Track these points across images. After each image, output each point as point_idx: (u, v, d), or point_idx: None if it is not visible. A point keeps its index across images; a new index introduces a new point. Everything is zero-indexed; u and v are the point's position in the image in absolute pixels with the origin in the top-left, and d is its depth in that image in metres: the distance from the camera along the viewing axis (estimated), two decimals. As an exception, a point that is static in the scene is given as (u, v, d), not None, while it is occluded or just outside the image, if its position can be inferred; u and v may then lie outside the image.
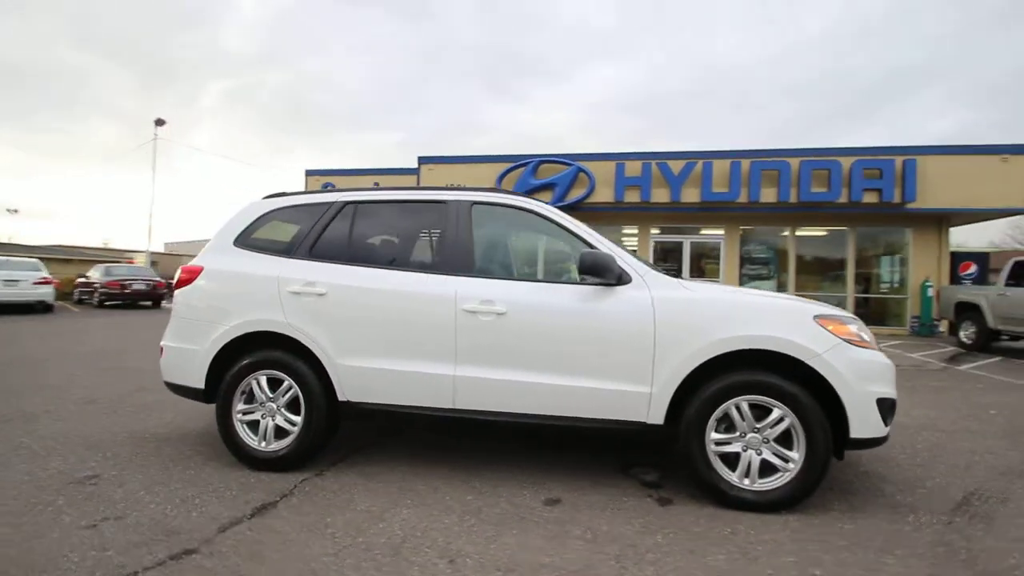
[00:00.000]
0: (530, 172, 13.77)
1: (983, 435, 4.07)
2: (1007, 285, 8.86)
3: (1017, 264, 8.85)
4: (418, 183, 14.46)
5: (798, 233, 13.80)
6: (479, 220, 3.09)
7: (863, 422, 2.57)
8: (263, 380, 3.04)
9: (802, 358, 2.58)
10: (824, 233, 13.80)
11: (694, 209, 13.09)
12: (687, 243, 14.15)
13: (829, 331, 2.64)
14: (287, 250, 3.20)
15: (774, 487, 2.60)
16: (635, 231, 14.45)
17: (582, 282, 2.83)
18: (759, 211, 12.93)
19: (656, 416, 2.70)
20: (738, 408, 2.63)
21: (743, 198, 12.49)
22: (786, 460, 2.61)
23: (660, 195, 12.93)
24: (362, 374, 2.95)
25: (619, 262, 2.78)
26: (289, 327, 3.01)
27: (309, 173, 17.91)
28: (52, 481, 2.82)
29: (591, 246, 2.91)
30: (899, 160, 11.75)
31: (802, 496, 2.60)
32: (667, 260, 14.06)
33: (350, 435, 3.64)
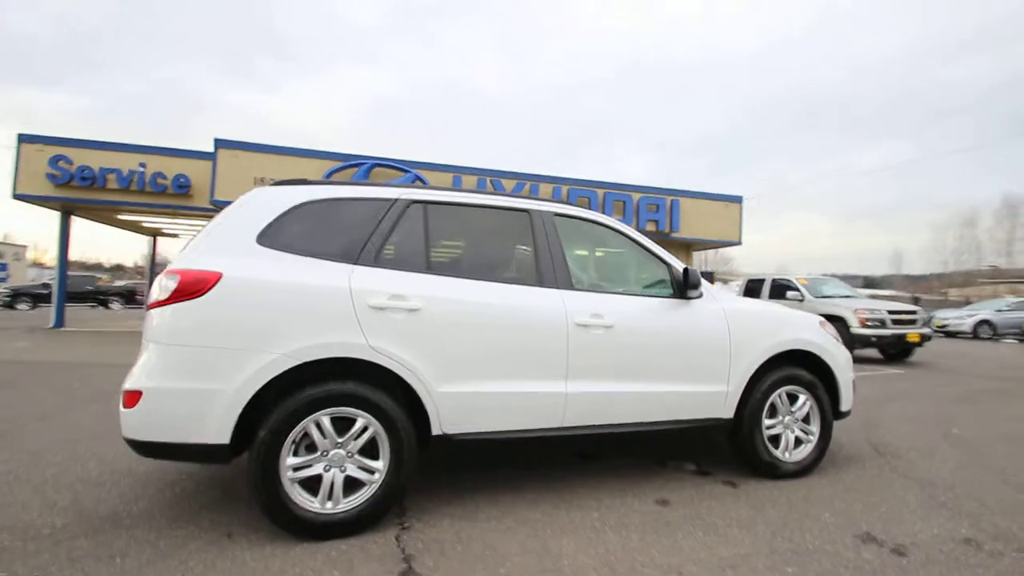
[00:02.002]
0: (363, 174, 12.88)
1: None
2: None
3: (751, 282, 12.35)
4: (214, 172, 12.03)
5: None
6: (562, 232, 3.00)
7: (847, 399, 3.46)
8: (326, 421, 2.34)
9: (817, 353, 3.34)
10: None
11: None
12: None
13: (826, 331, 3.47)
14: (346, 254, 2.52)
15: (804, 456, 3.27)
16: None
17: (683, 296, 3.04)
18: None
19: (728, 411, 3.10)
20: (779, 397, 3.24)
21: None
22: (808, 433, 3.32)
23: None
24: (465, 401, 2.54)
25: None
26: (373, 351, 2.39)
27: (24, 139, 12.98)
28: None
29: (666, 262, 3.15)
30: (668, 199, 15.09)
31: (821, 458, 3.34)
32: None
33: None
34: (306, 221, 2.55)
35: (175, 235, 19.09)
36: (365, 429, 2.38)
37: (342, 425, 2.37)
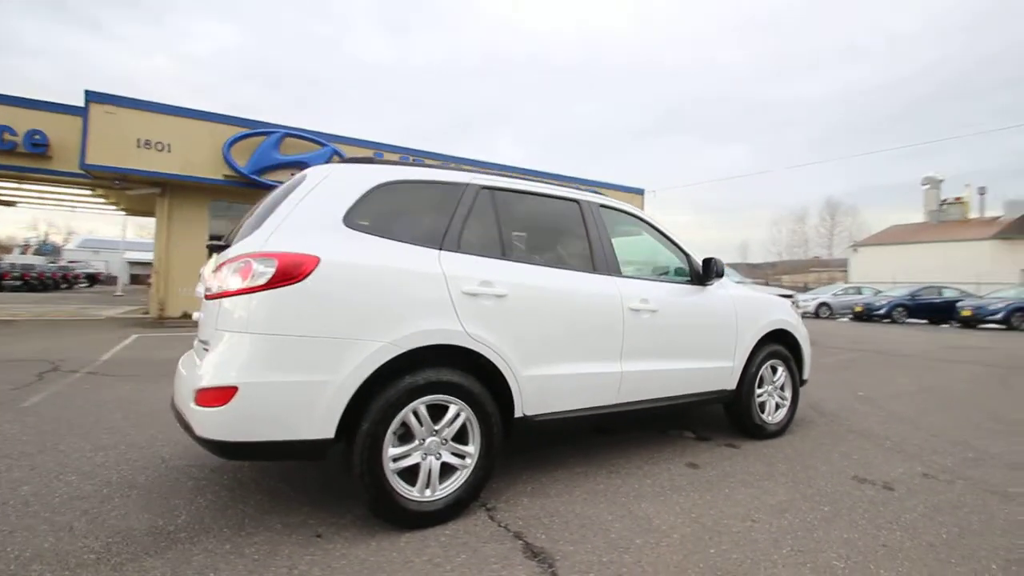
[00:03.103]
0: (273, 145, 11.77)
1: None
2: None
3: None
4: (86, 130, 10.20)
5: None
6: (607, 222, 3.18)
7: (808, 369, 4.13)
8: (423, 409, 2.30)
9: (791, 331, 3.94)
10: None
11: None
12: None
13: (795, 311, 4.10)
14: (431, 239, 2.45)
15: (782, 419, 3.86)
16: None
17: (701, 283, 3.40)
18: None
19: (733, 383, 3.56)
20: (767, 370, 3.79)
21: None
22: (784, 399, 3.92)
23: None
24: (544, 383, 2.64)
25: None
26: (468, 337, 2.37)
27: None
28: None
29: (685, 252, 3.49)
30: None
31: (792, 420, 3.96)
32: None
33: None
34: (387, 203, 2.43)
35: (11, 203, 15.74)
36: (457, 415, 2.38)
37: (435, 412, 2.34)
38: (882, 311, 18.72)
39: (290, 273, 2.04)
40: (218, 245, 2.56)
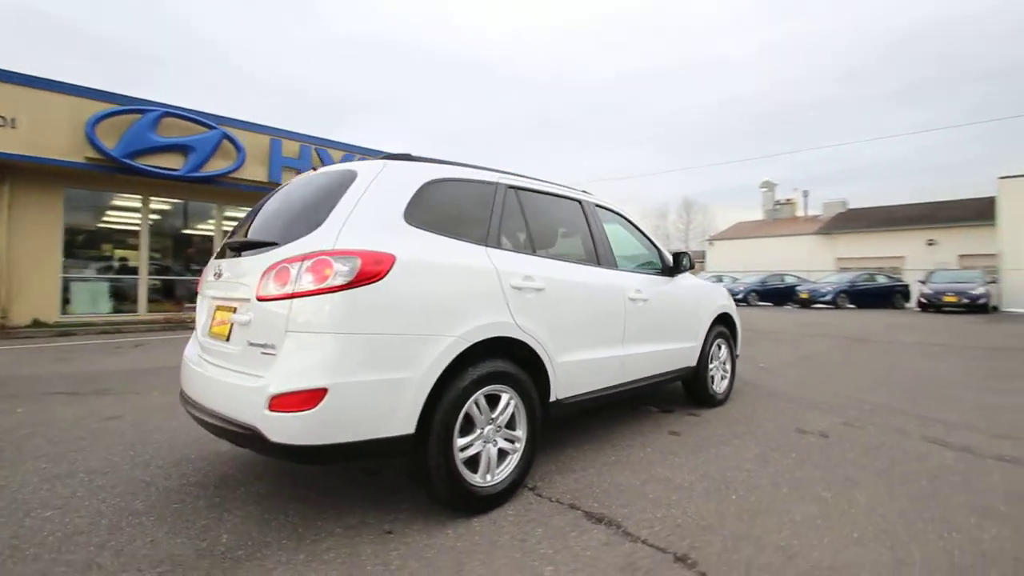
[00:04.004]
0: (150, 125, 10.31)
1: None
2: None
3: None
4: None
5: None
6: (600, 219, 3.48)
7: (739, 346, 4.87)
8: (482, 400, 2.40)
9: (731, 313, 4.61)
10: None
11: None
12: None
13: (730, 297, 4.80)
14: (478, 236, 2.53)
15: (725, 388, 4.52)
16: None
17: (671, 274, 3.85)
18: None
19: (694, 361, 4.10)
20: (716, 347, 4.41)
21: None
22: (726, 372, 4.59)
23: (319, 182, 12.55)
24: (571, 369, 2.86)
25: None
26: (518, 329, 2.52)
27: None
28: None
29: (657, 247, 3.94)
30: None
31: (731, 389, 4.66)
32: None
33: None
34: (436, 200, 2.47)
35: None
36: (508, 403, 2.52)
37: (490, 401, 2.46)
38: (739, 296, 21.76)
39: (371, 271, 2.03)
40: (247, 243, 2.40)
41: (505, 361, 2.50)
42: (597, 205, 3.53)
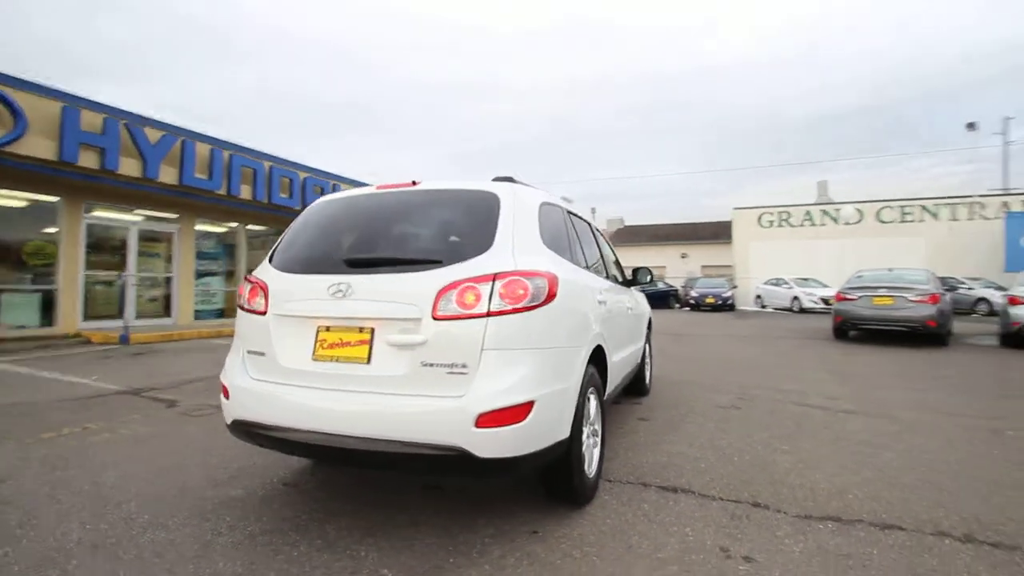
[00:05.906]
0: None
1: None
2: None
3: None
4: None
5: (249, 227, 14.49)
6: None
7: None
8: (590, 398, 2.74)
9: (650, 317, 5.62)
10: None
11: (169, 192, 11.22)
12: (135, 230, 11.69)
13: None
14: (568, 254, 2.83)
15: (649, 380, 5.51)
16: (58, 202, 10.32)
17: (628, 285, 4.57)
18: (233, 205, 12.79)
19: (640, 359, 4.95)
20: (646, 345, 5.35)
21: (223, 190, 12.07)
22: (649, 366, 5.58)
23: (131, 166, 10.24)
24: (614, 367, 3.34)
25: None
26: (601, 337, 2.90)
27: None
28: None
29: (617, 260, 4.65)
30: (332, 183, 15.17)
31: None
32: (103, 248, 11.12)
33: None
34: (547, 222, 2.71)
35: None
36: (593, 400, 2.90)
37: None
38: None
39: (552, 291, 2.22)
40: (372, 260, 2.31)
41: (592, 365, 2.87)
42: (589, 223, 4.06)
